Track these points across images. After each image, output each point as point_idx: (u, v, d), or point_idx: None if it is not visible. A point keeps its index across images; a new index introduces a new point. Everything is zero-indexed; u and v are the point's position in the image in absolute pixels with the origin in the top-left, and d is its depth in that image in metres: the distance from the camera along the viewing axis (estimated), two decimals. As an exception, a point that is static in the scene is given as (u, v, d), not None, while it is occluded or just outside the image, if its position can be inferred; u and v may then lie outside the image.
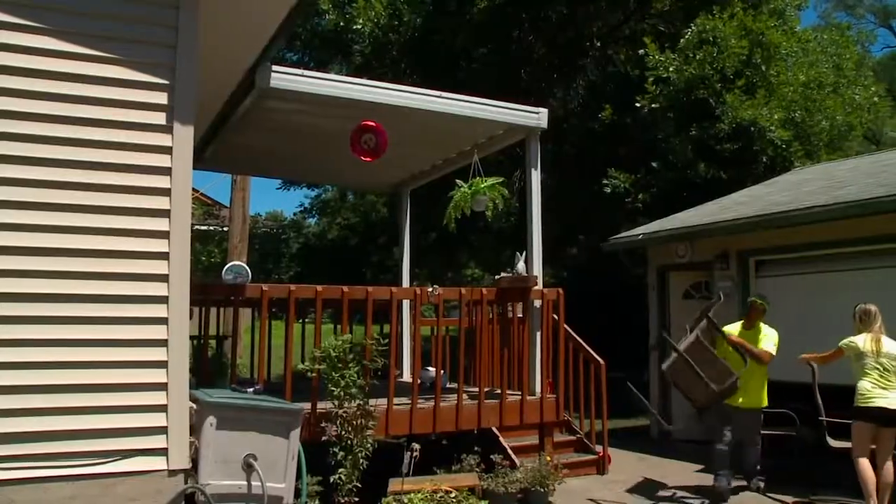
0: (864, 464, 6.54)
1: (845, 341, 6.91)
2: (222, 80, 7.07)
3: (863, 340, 6.78)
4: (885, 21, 45.68)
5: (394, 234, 13.07)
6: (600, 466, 8.93)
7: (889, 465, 6.58)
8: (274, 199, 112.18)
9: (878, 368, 6.65)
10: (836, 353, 7.04)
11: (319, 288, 7.30)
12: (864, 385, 6.66)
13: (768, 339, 7.70)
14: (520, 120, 8.38)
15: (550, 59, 18.32)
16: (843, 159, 14.31)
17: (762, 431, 8.04)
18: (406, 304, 10.06)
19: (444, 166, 10.18)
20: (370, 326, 7.32)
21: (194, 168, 5.43)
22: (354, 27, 17.76)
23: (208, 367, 7.09)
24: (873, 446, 6.66)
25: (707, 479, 8.25)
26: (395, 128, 7.86)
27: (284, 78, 7.07)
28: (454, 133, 8.81)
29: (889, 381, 6.61)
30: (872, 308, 6.92)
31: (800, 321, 9.03)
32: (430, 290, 7.81)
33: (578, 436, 9.27)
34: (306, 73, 7.48)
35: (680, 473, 8.92)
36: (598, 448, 9.04)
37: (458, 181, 8.28)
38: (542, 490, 7.35)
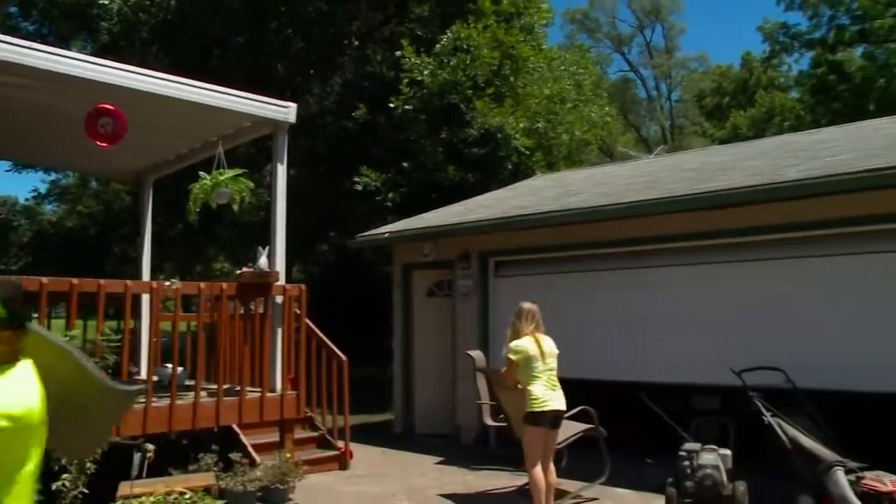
0: (539, 473, 6.54)
1: (514, 349, 6.61)
2: (-67, 47, 6.39)
3: (530, 344, 6.65)
4: (619, 47, 50.18)
5: (137, 224, 12.41)
6: (342, 462, 8.98)
7: (552, 465, 6.73)
8: (3, 183, 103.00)
9: (546, 371, 6.64)
10: (514, 367, 6.63)
11: (45, 280, 6.77)
12: (538, 390, 6.54)
13: None
14: (267, 113, 8.25)
15: (308, 55, 18.24)
16: (578, 169, 15.40)
17: (495, 424, 8.35)
18: (145, 298, 9.60)
19: (190, 156, 9.81)
20: (101, 321, 6.91)
21: None
22: (101, 2, 16.75)
23: None
24: None
25: (448, 472, 8.62)
26: (136, 113, 7.45)
27: (10, 49, 6.51)
28: (199, 123, 8.52)
29: (554, 381, 6.68)
30: (529, 306, 6.84)
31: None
32: (167, 283, 7.51)
33: (321, 432, 9.28)
34: (36, 46, 6.93)
35: (420, 465, 9.18)
36: (341, 444, 9.10)
37: (200, 172, 8.02)
38: (282, 487, 7.29)
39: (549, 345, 6.69)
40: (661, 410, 7.74)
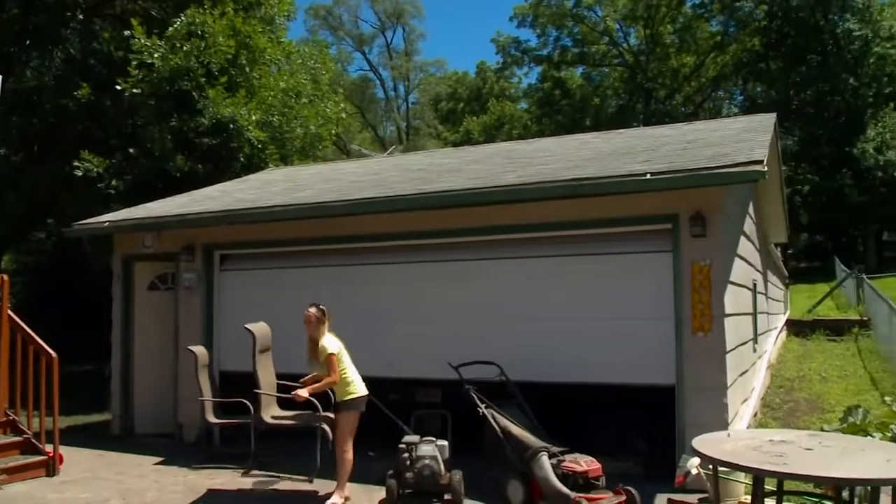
0: (351, 455, 7.02)
1: (335, 348, 7.09)
2: None
3: (337, 341, 7.20)
4: (360, 46, 51.09)
5: None
6: (50, 467, 8.38)
7: None
8: None
9: (350, 362, 7.20)
10: (338, 360, 7.10)
11: None
12: (353, 378, 7.12)
13: None
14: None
15: (25, 23, 16.76)
16: (310, 164, 15.45)
17: (218, 421, 8.24)
18: None
19: None
20: None
21: None
22: None
23: None
24: None
25: (168, 472, 8.41)
26: None
27: None
28: None
29: (355, 369, 7.21)
30: (325, 309, 7.30)
31: (260, 314, 9.48)
32: None
33: (26, 436, 8.57)
34: None
35: (139, 467, 8.80)
36: (49, 448, 8.48)
37: None
38: (-28, 501, 6.70)
39: None
40: (383, 404, 8.00)
